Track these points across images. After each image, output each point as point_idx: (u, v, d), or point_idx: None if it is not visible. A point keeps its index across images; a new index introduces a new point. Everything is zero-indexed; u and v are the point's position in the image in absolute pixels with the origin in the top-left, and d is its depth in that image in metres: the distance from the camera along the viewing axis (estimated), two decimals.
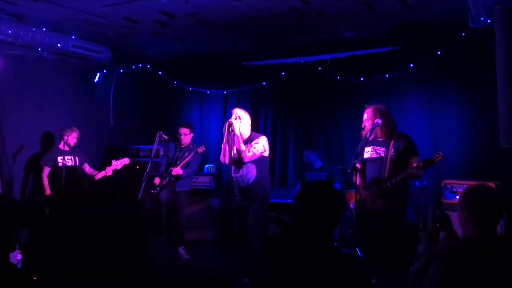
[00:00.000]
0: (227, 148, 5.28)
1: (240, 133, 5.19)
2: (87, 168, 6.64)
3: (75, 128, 6.51)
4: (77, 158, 6.54)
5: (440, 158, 4.35)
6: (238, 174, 5.27)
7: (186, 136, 6.51)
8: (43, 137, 6.87)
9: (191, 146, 6.50)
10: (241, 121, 5.26)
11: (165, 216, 6.48)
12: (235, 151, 5.25)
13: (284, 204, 6.74)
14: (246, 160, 5.15)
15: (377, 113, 4.73)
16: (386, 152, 4.66)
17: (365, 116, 4.80)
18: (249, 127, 5.37)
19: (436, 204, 5.61)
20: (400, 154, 4.62)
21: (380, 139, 4.75)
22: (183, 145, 6.53)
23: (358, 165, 4.74)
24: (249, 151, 5.15)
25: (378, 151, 4.72)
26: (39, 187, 6.42)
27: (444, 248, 2.41)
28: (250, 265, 5.20)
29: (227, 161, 5.35)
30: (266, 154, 5.31)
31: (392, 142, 4.66)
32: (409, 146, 4.68)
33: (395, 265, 4.47)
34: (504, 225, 4.55)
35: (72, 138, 6.45)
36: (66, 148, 6.48)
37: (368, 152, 4.78)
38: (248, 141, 5.26)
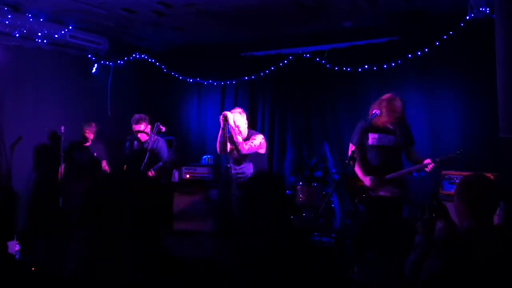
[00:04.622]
0: (222, 141, 5.30)
1: (236, 126, 5.20)
2: None
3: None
4: None
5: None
6: (236, 171, 5.34)
7: (144, 132, 6.04)
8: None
9: (150, 145, 5.93)
10: (238, 124, 5.24)
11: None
12: (231, 145, 5.29)
13: None
14: (244, 151, 5.17)
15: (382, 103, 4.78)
16: (395, 141, 4.72)
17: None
18: (246, 127, 5.37)
19: (433, 195, 5.64)
20: (404, 143, 4.74)
21: (387, 127, 4.77)
22: (142, 140, 6.11)
23: (355, 154, 4.78)
24: (246, 144, 5.19)
25: (385, 139, 4.75)
26: None
27: (443, 237, 2.42)
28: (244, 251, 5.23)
29: (222, 153, 5.41)
30: (263, 151, 5.35)
31: (398, 131, 4.73)
32: (410, 134, 4.80)
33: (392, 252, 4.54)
34: (501, 215, 4.58)
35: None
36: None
37: (374, 139, 4.79)
38: (246, 140, 5.30)
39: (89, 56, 7.61)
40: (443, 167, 4.90)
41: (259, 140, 5.27)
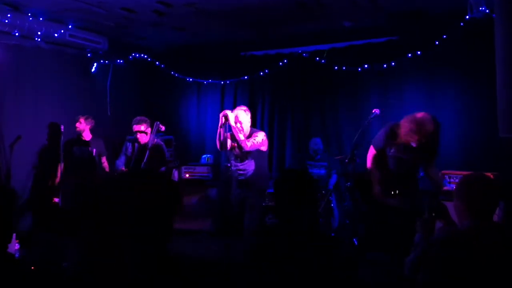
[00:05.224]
0: (222, 138, 5.31)
1: (239, 122, 5.20)
2: None
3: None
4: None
5: None
6: (237, 168, 5.34)
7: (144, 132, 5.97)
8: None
9: (149, 144, 5.82)
10: (242, 123, 5.23)
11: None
12: (230, 143, 5.31)
13: None
14: (246, 148, 5.19)
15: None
16: (416, 156, 4.55)
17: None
18: (249, 125, 5.37)
19: (432, 194, 5.63)
20: (425, 157, 4.59)
21: (411, 144, 4.52)
22: (142, 143, 5.99)
23: (374, 151, 4.73)
24: (248, 141, 5.20)
25: (407, 152, 4.58)
26: None
27: (443, 235, 2.42)
28: (243, 250, 5.23)
29: (222, 149, 5.45)
30: (264, 148, 5.36)
31: (423, 147, 4.50)
32: (435, 149, 4.60)
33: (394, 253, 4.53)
34: (500, 214, 4.57)
35: None
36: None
37: (396, 151, 4.64)
38: (248, 137, 5.30)
39: (89, 55, 7.61)
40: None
41: (261, 137, 5.28)
